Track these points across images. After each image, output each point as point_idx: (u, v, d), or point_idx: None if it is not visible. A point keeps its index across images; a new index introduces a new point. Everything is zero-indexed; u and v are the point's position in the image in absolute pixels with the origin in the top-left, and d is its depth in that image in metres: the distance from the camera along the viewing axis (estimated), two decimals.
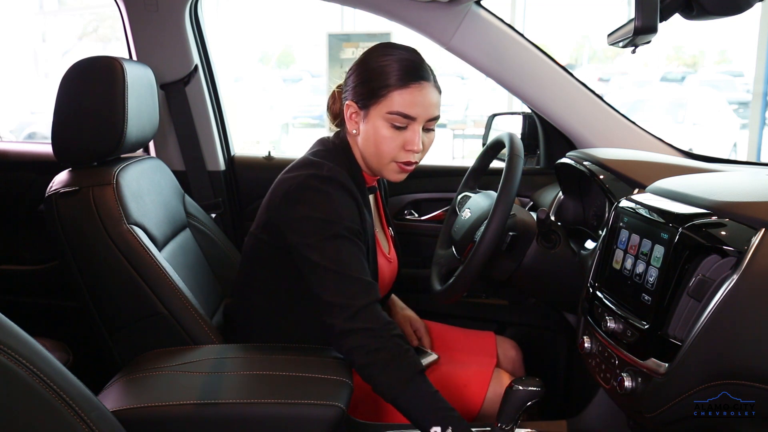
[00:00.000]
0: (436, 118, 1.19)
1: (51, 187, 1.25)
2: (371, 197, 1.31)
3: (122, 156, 1.38)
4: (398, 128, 1.15)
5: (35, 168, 1.83)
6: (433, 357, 1.35)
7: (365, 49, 1.21)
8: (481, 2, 1.52)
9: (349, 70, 1.23)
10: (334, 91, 1.30)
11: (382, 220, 1.38)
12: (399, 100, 1.14)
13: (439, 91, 1.19)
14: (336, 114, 1.29)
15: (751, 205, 0.81)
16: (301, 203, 1.10)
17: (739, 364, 0.74)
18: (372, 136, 1.17)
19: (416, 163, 1.20)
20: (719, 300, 0.74)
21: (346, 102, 1.20)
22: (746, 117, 8.40)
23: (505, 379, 1.32)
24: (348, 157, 1.23)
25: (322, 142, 1.26)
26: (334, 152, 1.22)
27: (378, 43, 1.22)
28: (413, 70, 1.15)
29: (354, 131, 1.21)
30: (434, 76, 1.19)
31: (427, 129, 1.19)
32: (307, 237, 1.08)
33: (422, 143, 1.17)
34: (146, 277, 1.19)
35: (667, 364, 0.80)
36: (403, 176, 1.22)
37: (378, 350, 1.02)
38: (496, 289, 1.75)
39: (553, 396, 1.61)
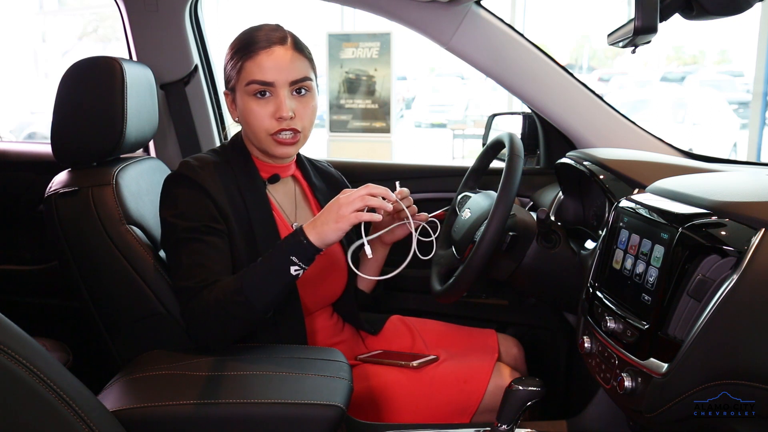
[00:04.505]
0: (303, 80, 1.18)
1: (50, 187, 1.25)
2: (283, 188, 1.29)
3: (122, 156, 1.38)
4: (262, 98, 1.16)
5: (35, 168, 1.83)
6: (431, 357, 1.35)
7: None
8: (481, 2, 1.51)
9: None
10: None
11: (314, 211, 1.34)
12: (251, 68, 1.16)
13: (304, 54, 1.20)
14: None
15: (751, 205, 0.81)
16: (160, 204, 1.18)
17: (738, 364, 0.74)
18: (243, 114, 1.19)
19: (297, 132, 1.18)
20: (719, 300, 0.74)
21: (224, 93, 1.24)
22: (746, 117, 8.40)
23: (507, 374, 1.32)
24: (240, 149, 1.25)
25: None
26: (225, 146, 1.27)
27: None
28: (262, 38, 1.17)
29: (236, 119, 1.24)
30: (294, 41, 1.20)
31: (299, 95, 1.19)
32: (162, 237, 1.19)
33: (295, 110, 1.17)
34: (146, 277, 1.19)
35: (667, 364, 0.80)
36: (285, 149, 1.19)
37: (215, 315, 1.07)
38: (496, 289, 1.75)
39: (553, 396, 1.61)
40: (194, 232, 1.11)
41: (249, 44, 1.17)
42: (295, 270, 1.05)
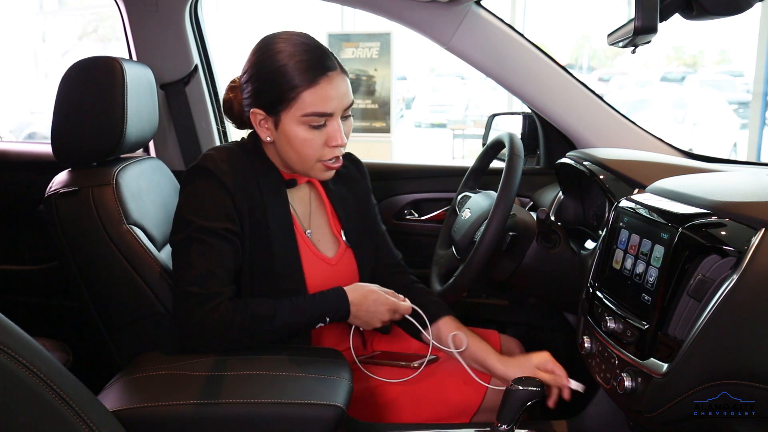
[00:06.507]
0: (351, 104, 1.14)
1: (51, 187, 1.25)
2: (299, 193, 1.26)
3: (122, 156, 1.38)
4: (317, 127, 1.10)
5: (35, 168, 1.83)
6: (431, 357, 1.35)
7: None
8: (481, 2, 1.52)
9: (243, 74, 1.15)
10: (228, 97, 1.21)
11: (329, 219, 1.30)
12: (311, 99, 1.08)
13: (347, 74, 1.13)
14: (239, 119, 1.22)
15: (751, 205, 0.81)
16: (180, 196, 1.15)
17: (739, 364, 0.74)
18: (290, 141, 1.12)
19: (342, 155, 1.16)
20: (719, 300, 0.74)
21: (251, 110, 1.13)
22: (746, 117, 8.40)
23: None
24: (257, 153, 1.19)
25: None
26: (243, 145, 1.20)
27: (265, 36, 1.14)
28: (317, 62, 1.08)
29: (268, 138, 1.15)
30: (338, 61, 1.12)
31: (344, 117, 1.14)
32: (174, 229, 1.14)
33: (345, 134, 1.14)
34: (146, 277, 1.19)
35: (667, 364, 0.80)
36: (331, 174, 1.18)
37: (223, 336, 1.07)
38: (496, 289, 1.75)
39: None
40: (209, 234, 1.09)
41: (304, 70, 1.08)
42: (320, 325, 1.12)
